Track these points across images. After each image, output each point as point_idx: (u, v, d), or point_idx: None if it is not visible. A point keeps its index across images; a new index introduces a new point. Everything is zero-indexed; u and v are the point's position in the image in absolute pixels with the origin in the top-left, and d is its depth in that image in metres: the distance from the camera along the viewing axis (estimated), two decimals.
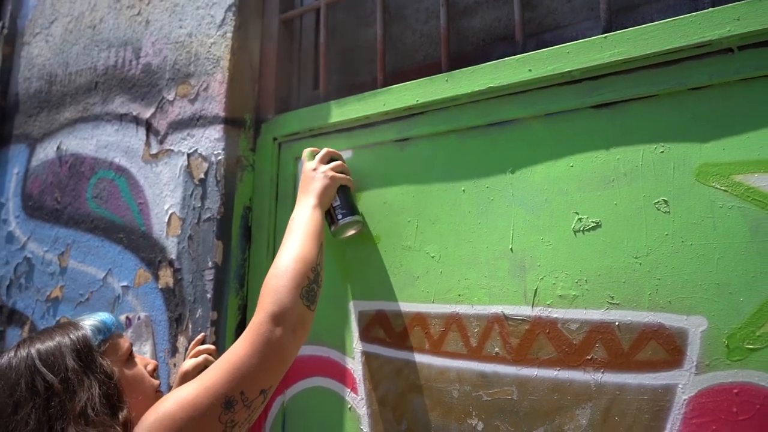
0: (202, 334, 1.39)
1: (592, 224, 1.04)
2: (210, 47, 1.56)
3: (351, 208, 1.24)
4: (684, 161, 0.97)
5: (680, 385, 0.92)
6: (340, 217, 1.23)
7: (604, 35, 1.06)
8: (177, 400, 0.85)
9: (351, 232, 1.27)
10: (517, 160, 1.14)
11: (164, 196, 1.58)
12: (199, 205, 1.49)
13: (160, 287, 1.53)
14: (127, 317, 1.58)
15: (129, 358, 1.04)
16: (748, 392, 0.87)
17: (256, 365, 0.90)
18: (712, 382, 0.90)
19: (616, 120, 1.05)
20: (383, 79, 1.36)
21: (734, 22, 0.94)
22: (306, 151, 1.29)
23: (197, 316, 1.42)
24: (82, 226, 1.81)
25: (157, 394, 1.06)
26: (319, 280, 1.06)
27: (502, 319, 1.10)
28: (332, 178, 1.22)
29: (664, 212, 0.97)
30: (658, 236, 0.97)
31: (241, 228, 1.49)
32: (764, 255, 0.88)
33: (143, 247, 1.60)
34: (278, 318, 0.94)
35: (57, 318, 1.80)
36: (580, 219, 1.05)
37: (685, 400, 0.91)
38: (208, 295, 1.41)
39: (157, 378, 1.10)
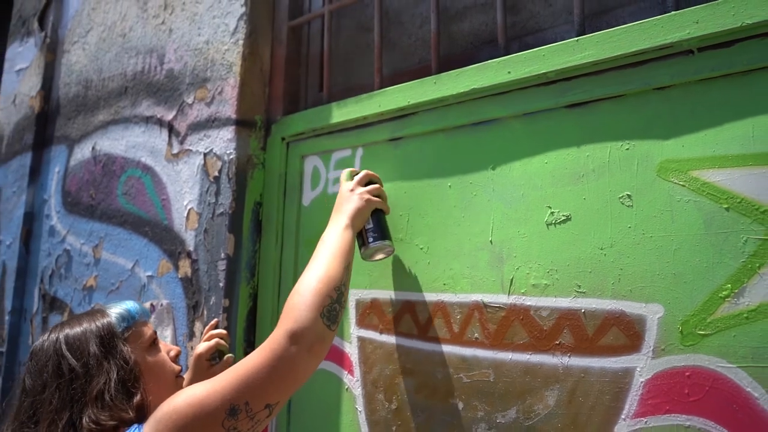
0: (215, 319, 1.50)
1: (563, 217, 1.10)
2: (224, 54, 1.68)
3: (383, 232, 1.25)
4: (647, 158, 1.02)
5: (638, 369, 0.98)
6: (371, 240, 1.23)
7: (576, 38, 1.12)
8: (187, 397, 0.88)
9: (380, 256, 1.28)
10: (498, 158, 1.21)
11: (184, 193, 1.70)
12: (214, 201, 1.61)
13: (179, 277, 1.66)
14: (152, 304, 1.72)
15: (152, 345, 1.10)
16: (699, 375, 0.92)
17: (264, 378, 0.91)
18: (667, 365, 0.95)
19: (586, 119, 1.11)
20: (380, 82, 1.45)
21: (693, 25, 0.99)
22: (345, 172, 1.30)
23: (211, 303, 1.55)
24: (114, 221, 1.96)
25: (178, 379, 1.14)
26: (342, 301, 1.05)
27: (481, 307, 1.18)
28: (368, 201, 1.22)
29: (628, 206, 1.03)
30: (621, 229, 1.03)
31: (252, 222, 1.60)
32: (716, 246, 0.93)
33: (166, 239, 1.73)
34: (296, 336, 0.95)
35: (92, 305, 1.96)
36: (552, 213, 1.12)
37: (642, 382, 0.97)
38: (221, 284, 1.54)
39: (179, 364, 1.19)
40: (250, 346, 1.55)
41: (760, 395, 0.87)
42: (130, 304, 1.12)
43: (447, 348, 1.21)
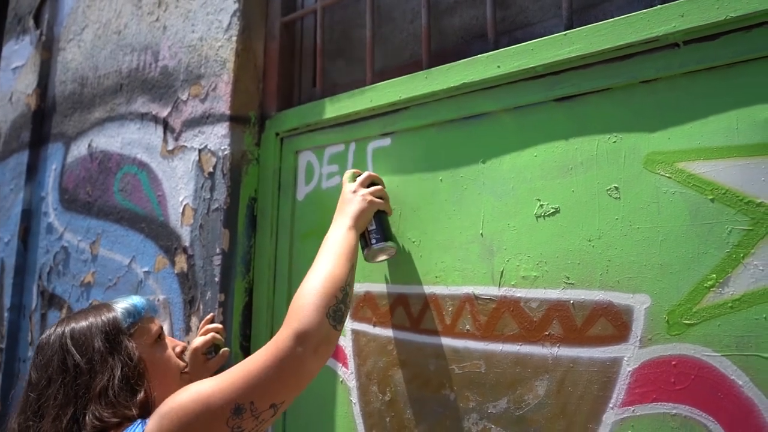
0: (211, 314, 1.53)
1: (552, 210, 1.11)
2: (218, 50, 1.69)
3: (385, 234, 1.26)
4: (634, 150, 1.04)
5: (626, 358, 0.99)
6: (373, 241, 1.24)
7: (564, 32, 1.13)
8: (193, 393, 0.88)
9: (383, 257, 1.29)
10: (488, 151, 1.22)
11: (179, 189, 1.72)
12: (209, 196, 1.62)
13: (176, 272, 1.67)
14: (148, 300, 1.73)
15: (158, 341, 1.10)
16: (685, 364, 0.94)
17: (270, 378, 0.90)
18: (654, 355, 0.97)
19: (574, 112, 1.12)
20: (372, 77, 1.46)
21: (678, 18, 1.00)
22: (347, 173, 1.31)
23: (207, 298, 1.56)
24: (110, 217, 1.97)
25: (183, 375, 1.14)
26: (347, 301, 1.05)
27: (472, 299, 1.19)
28: (370, 202, 1.23)
29: (615, 198, 1.04)
30: (609, 220, 1.04)
31: (246, 217, 1.61)
32: (702, 237, 0.95)
33: (162, 235, 1.75)
34: (302, 337, 0.94)
35: (90, 301, 1.98)
36: (541, 205, 1.13)
37: (629, 371, 0.99)
38: (216, 279, 1.55)
39: (185, 360, 1.19)
40: (245, 340, 1.57)
41: (744, 383, 0.89)
42: (136, 300, 1.12)
43: (439, 340, 1.23)
